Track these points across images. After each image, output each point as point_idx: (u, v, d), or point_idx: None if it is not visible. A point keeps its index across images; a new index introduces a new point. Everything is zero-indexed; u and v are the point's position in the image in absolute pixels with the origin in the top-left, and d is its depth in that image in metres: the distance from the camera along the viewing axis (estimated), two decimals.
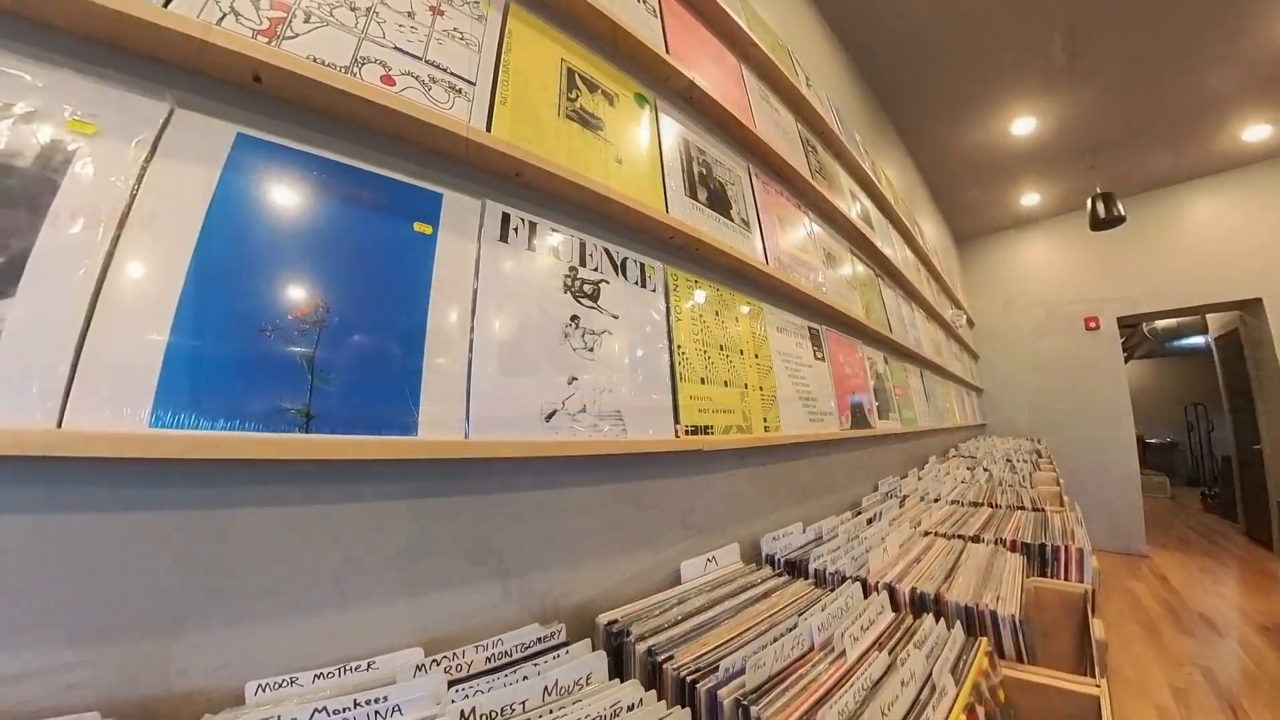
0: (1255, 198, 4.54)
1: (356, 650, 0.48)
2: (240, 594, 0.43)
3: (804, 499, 1.14)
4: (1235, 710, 2.25)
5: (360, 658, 0.48)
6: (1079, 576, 0.89)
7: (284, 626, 0.45)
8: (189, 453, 0.39)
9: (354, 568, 0.50)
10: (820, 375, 1.21)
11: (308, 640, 0.46)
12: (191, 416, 0.41)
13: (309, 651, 0.46)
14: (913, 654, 0.56)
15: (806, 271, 1.25)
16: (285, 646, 0.45)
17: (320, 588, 0.48)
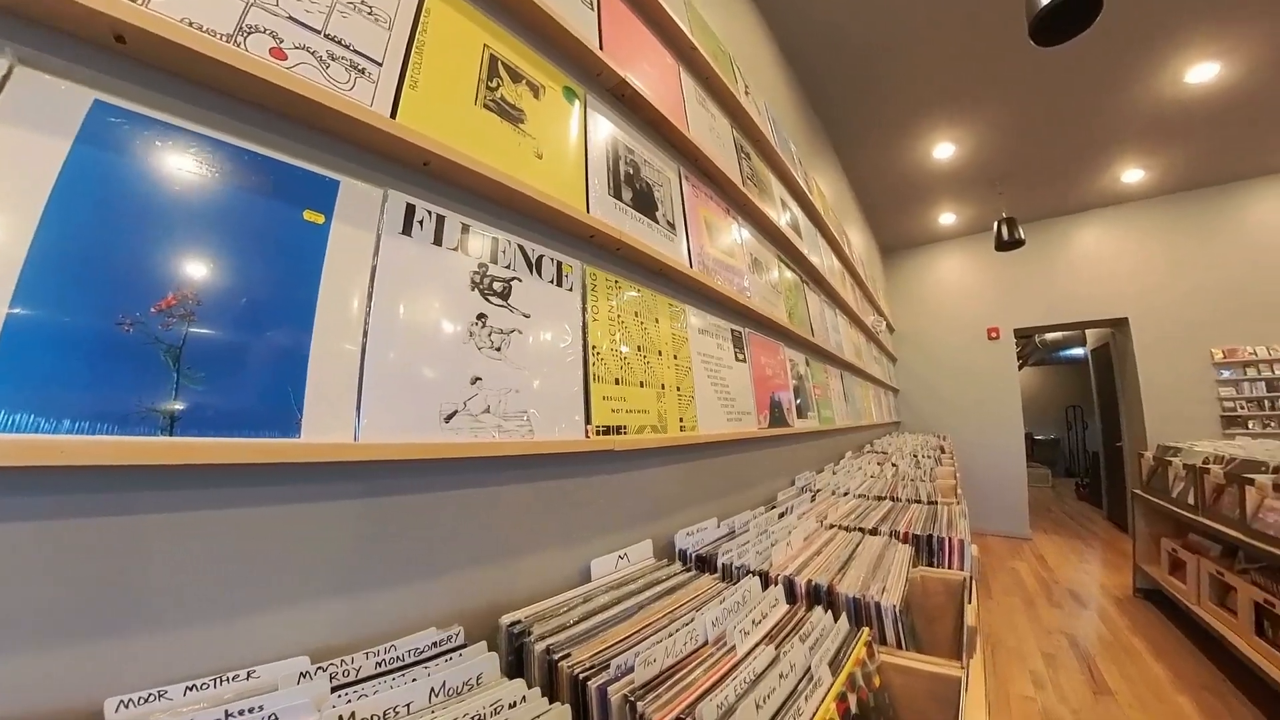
0: (1128, 231, 5.11)
1: (237, 661, 0.45)
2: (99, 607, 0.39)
3: (720, 495, 1.16)
4: (1092, 670, 2.52)
5: (241, 668, 0.44)
6: (960, 565, 0.96)
7: (154, 639, 0.41)
8: (23, 459, 0.34)
9: (235, 576, 0.46)
10: (741, 376, 1.23)
11: (182, 652, 0.42)
12: (29, 418, 0.36)
13: (183, 664, 0.42)
14: (796, 646, 0.58)
15: (732, 276, 1.27)
16: (154, 660, 0.41)
17: (196, 598, 0.43)
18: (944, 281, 5.79)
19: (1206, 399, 4.68)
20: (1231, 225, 4.72)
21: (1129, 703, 2.24)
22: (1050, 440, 9.67)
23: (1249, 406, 4.56)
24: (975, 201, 4.87)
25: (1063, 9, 1.63)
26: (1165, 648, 2.74)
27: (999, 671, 2.51)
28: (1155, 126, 3.80)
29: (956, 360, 5.55)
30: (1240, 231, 4.69)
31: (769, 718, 0.51)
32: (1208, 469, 2.56)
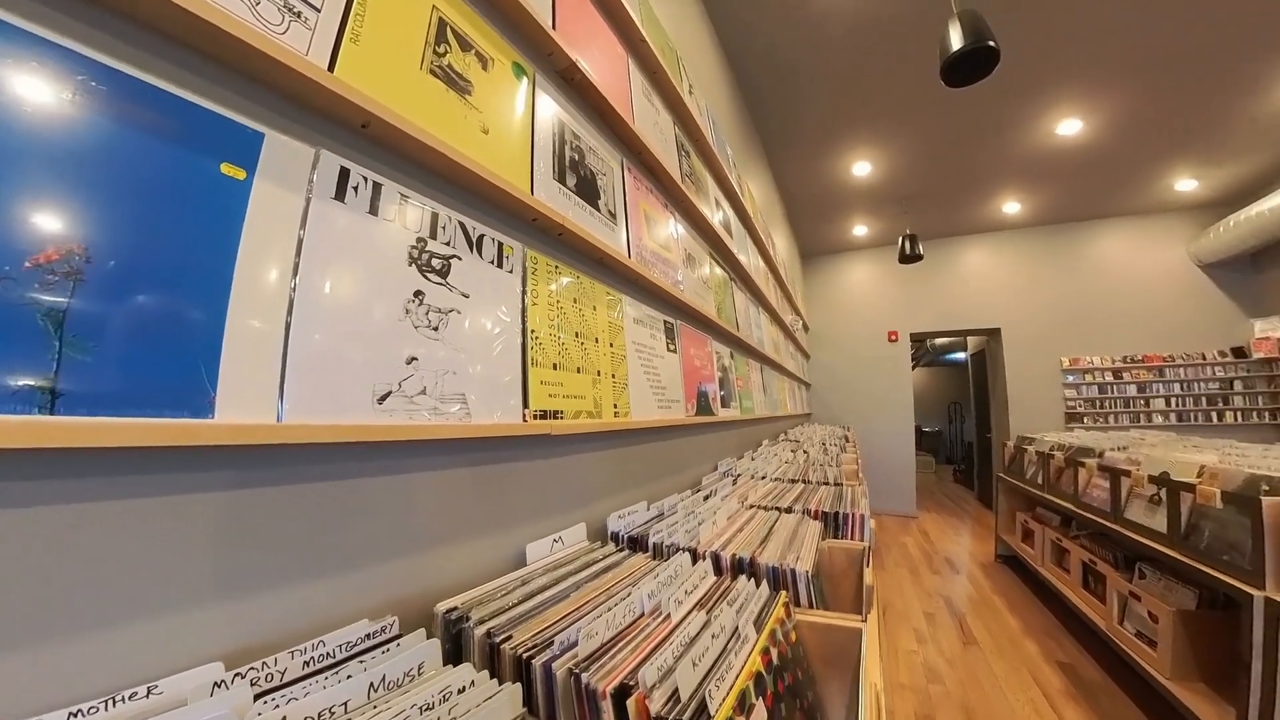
0: (1004, 254, 5.78)
1: (135, 676, 0.38)
2: None
3: (650, 479, 1.18)
4: (962, 625, 2.84)
5: (140, 683, 0.38)
6: (860, 537, 1.04)
7: (27, 657, 0.34)
8: None
9: (133, 575, 0.40)
10: (671, 366, 1.26)
11: (66, 671, 0.36)
12: None
13: (67, 684, 0.36)
14: (725, 610, 0.61)
15: (667, 268, 1.28)
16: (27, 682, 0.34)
17: (81, 604, 0.37)
18: (854, 287, 6.22)
19: (1055, 398, 5.40)
20: (1081, 256, 5.46)
21: (990, 650, 2.55)
22: (935, 432, 10.74)
23: (1085, 405, 5.31)
24: (885, 217, 5.26)
25: (969, 57, 1.81)
26: (1018, 602, 3.15)
27: (889, 630, 2.77)
28: (1031, 168, 4.30)
29: (861, 359, 6.02)
30: (1087, 262, 5.45)
31: (705, 672, 0.53)
32: (1052, 455, 2.96)
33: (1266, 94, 3.37)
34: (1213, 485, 1.61)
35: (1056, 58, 2.94)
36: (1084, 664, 2.39)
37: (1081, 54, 2.91)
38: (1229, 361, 4.95)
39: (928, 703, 2.10)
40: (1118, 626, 2.18)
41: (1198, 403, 4.98)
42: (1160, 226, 5.24)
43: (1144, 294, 5.22)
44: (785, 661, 0.61)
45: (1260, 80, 3.21)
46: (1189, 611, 1.84)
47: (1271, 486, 1.42)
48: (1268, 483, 1.43)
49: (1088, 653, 2.48)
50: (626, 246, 1.08)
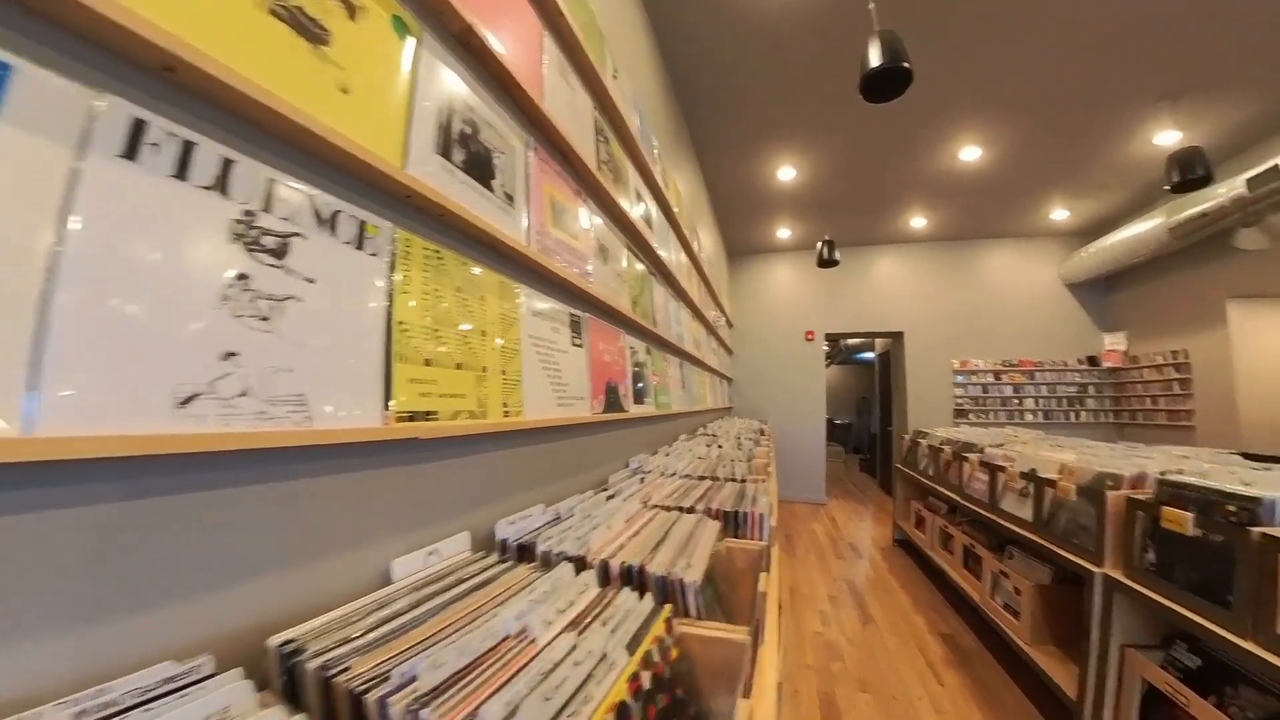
0: (909, 264, 6.24)
1: None
2: None
3: (550, 480, 1.12)
4: (862, 605, 3.02)
5: None
6: (760, 536, 1.04)
7: None
8: None
9: None
10: (576, 361, 1.20)
11: None
12: None
13: None
14: (597, 632, 0.56)
15: (575, 259, 1.22)
16: None
17: None
18: (776, 288, 6.46)
19: (946, 396, 5.91)
20: (973, 270, 6.00)
21: (885, 627, 2.73)
22: (846, 424, 11.51)
23: (970, 402, 5.85)
24: (807, 221, 5.48)
25: (886, 75, 1.89)
26: (910, 582, 3.41)
27: (797, 614, 2.90)
28: (937, 187, 4.63)
29: (780, 356, 6.27)
30: (978, 275, 6.00)
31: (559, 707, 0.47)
32: (941, 449, 3.21)
33: (1123, 141, 3.84)
34: (1070, 481, 1.80)
35: (966, 89, 3.17)
36: (962, 634, 2.63)
37: (987, 88, 3.16)
38: (1084, 369, 5.65)
39: (829, 680, 2.21)
40: (989, 600, 2.41)
41: (1060, 404, 5.65)
42: (1038, 249, 5.87)
43: (1022, 306, 5.83)
44: (662, 683, 0.58)
45: (1119, 129, 3.65)
46: (1044, 585, 2.07)
47: (1115, 483, 1.60)
48: (1112, 479, 1.61)
49: (966, 624, 2.73)
50: (526, 233, 1.00)
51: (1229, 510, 1.19)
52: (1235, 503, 1.18)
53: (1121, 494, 1.54)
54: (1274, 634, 1.03)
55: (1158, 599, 1.33)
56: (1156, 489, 1.43)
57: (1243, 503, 1.16)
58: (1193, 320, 4.63)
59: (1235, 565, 1.13)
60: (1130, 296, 5.38)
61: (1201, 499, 1.28)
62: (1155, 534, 1.37)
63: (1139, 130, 3.67)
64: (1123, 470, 1.64)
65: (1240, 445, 4.12)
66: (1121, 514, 1.51)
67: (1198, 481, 1.32)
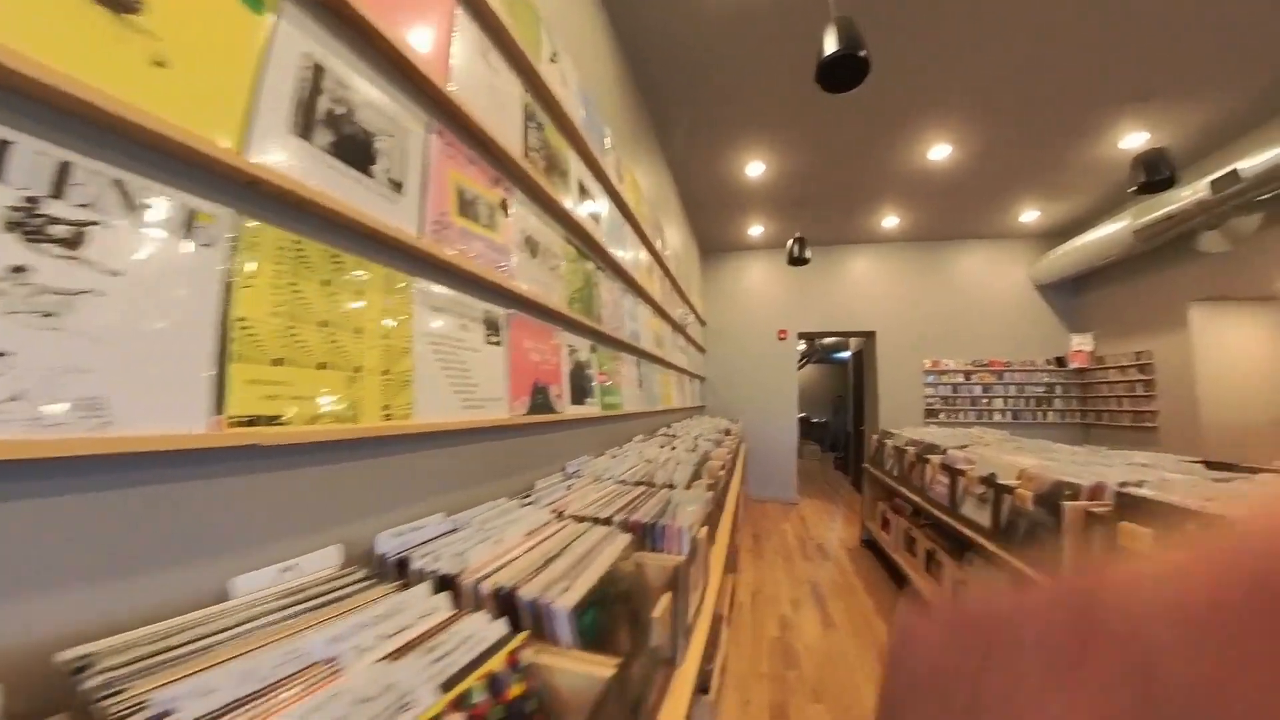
0: (881, 264, 6.24)
1: None
2: None
3: (457, 487, 1.04)
4: (824, 609, 2.98)
5: None
6: (678, 549, 0.97)
7: None
8: None
9: None
10: (492, 360, 1.11)
11: None
12: None
13: None
14: (412, 663, 0.49)
15: (492, 252, 1.13)
16: None
17: None
18: (750, 286, 6.42)
19: (917, 396, 5.93)
20: (945, 271, 6.02)
21: (846, 631, 2.70)
22: (822, 423, 11.58)
23: (941, 402, 5.88)
24: (778, 219, 5.44)
25: (842, 62, 1.83)
26: (875, 584, 3.39)
27: (757, 618, 2.84)
28: (909, 186, 4.62)
29: (753, 355, 6.24)
30: (950, 277, 6.03)
31: None
32: (906, 450, 3.19)
33: (1093, 143, 3.86)
34: (1028, 488, 1.77)
35: (933, 85, 3.13)
36: None
37: (955, 85, 3.13)
38: (1052, 369, 5.71)
39: (783, 689, 2.16)
40: None
41: (1028, 403, 5.70)
42: (1009, 250, 5.91)
43: (992, 307, 5.87)
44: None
45: (1088, 130, 3.67)
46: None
47: (1073, 492, 1.56)
48: (1070, 489, 1.58)
49: None
50: (419, 223, 0.92)
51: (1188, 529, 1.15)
52: (1196, 521, 1.14)
53: (1079, 505, 1.50)
54: None
55: None
56: (1115, 501, 1.40)
57: (1200, 520, 1.12)
58: (1157, 322, 4.70)
59: None
60: (1098, 298, 5.44)
61: (1157, 514, 1.24)
62: (1114, 549, 1.34)
63: (1108, 132, 3.69)
64: (1081, 479, 1.61)
65: (1201, 447, 4.18)
66: (1079, 526, 1.48)
67: (1157, 497, 1.28)
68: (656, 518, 1.03)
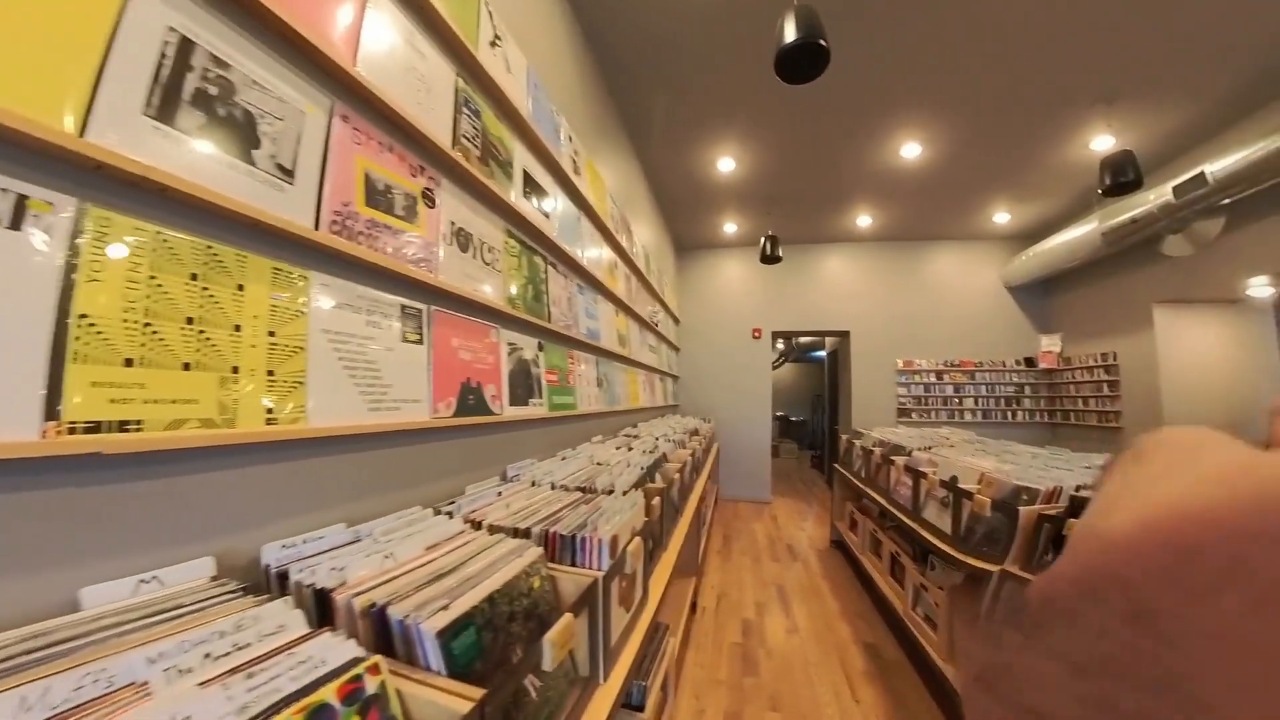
0: (855, 264, 6.27)
1: None
2: None
3: (365, 494, 0.98)
4: (789, 612, 2.97)
5: None
6: (597, 565, 0.93)
7: None
8: None
9: None
10: (411, 360, 1.06)
11: None
12: None
13: None
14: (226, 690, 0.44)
15: (411, 245, 1.07)
16: None
17: None
18: (724, 284, 6.41)
19: (890, 395, 5.99)
20: (918, 271, 6.08)
21: (809, 635, 2.68)
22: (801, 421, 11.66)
23: (913, 402, 5.94)
24: (752, 216, 5.42)
25: (801, 51, 1.79)
26: (841, 586, 3.39)
27: (720, 622, 2.82)
28: (881, 184, 4.63)
29: (727, 354, 6.24)
30: (923, 277, 6.08)
31: None
32: (872, 451, 3.19)
33: (1062, 145, 3.91)
34: (988, 493, 1.77)
35: (904, 82, 3.12)
36: (886, 644, 2.61)
37: (927, 83, 3.13)
38: (1022, 370, 5.81)
39: (740, 698, 2.13)
40: (911, 612, 2.38)
41: (998, 403, 5.79)
42: (981, 251, 5.99)
43: (964, 308, 5.95)
44: None
45: (1058, 132, 3.71)
46: (956, 587, 2.04)
47: (1030, 497, 1.57)
48: (1028, 494, 1.58)
49: (891, 633, 2.71)
50: (315, 213, 0.86)
51: None
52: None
53: (1034, 509, 1.51)
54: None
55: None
56: (1069, 504, 1.41)
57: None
58: (1122, 324, 4.80)
59: None
60: (1065, 300, 5.54)
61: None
62: (1057, 540, 1.34)
63: (1077, 134, 3.73)
64: (1040, 483, 1.62)
65: None
66: (1031, 528, 1.48)
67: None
68: (577, 529, 0.98)
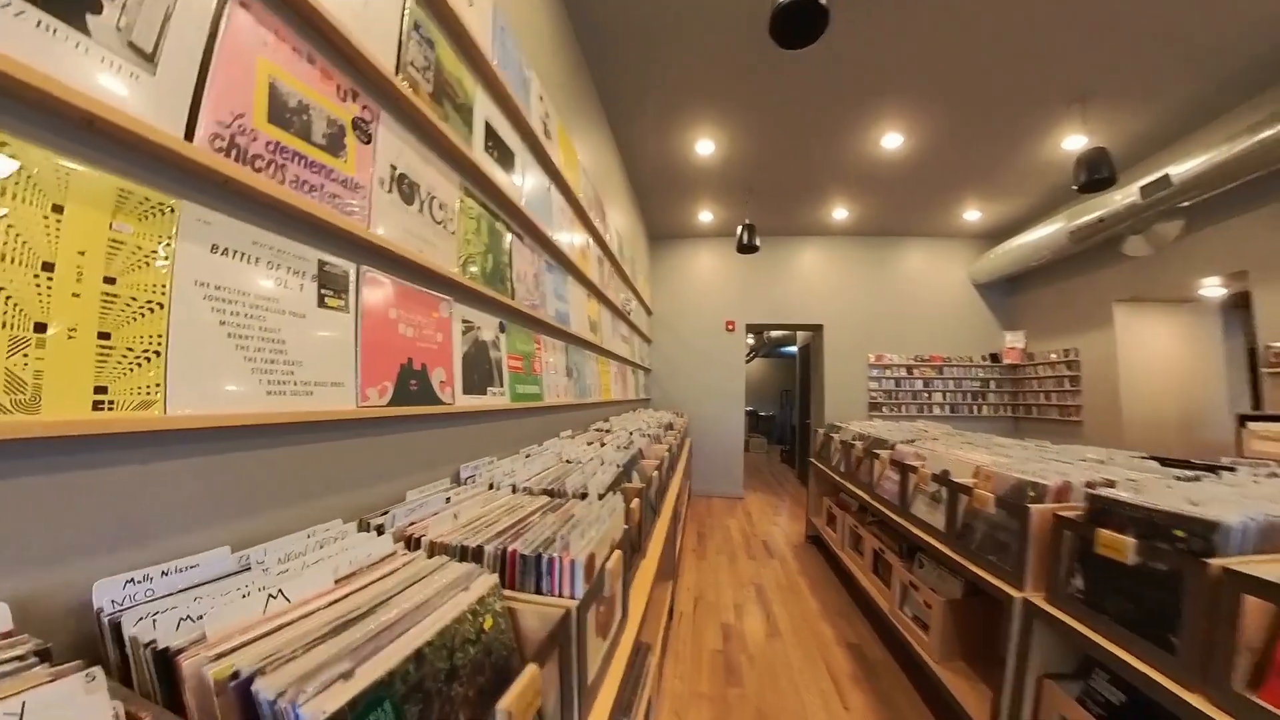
0: (830, 257, 6.24)
1: None
2: None
3: (263, 507, 0.75)
4: (769, 614, 2.84)
5: None
6: (570, 592, 0.73)
7: None
8: None
9: None
10: (329, 331, 0.83)
11: None
12: None
13: None
14: None
15: (337, 185, 0.85)
16: None
17: None
18: (698, 275, 6.27)
19: (861, 389, 6.00)
20: (891, 267, 6.09)
21: (791, 638, 2.56)
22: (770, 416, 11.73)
23: (884, 396, 5.97)
24: (728, 205, 5.28)
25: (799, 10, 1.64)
26: (820, 583, 3.29)
27: (698, 628, 2.66)
28: (859, 176, 4.56)
29: (701, 346, 6.11)
30: (895, 272, 6.10)
31: None
32: (853, 444, 3.10)
33: (1035, 143, 3.92)
34: (987, 489, 1.66)
35: (888, 67, 3.03)
36: (870, 643, 2.51)
37: (911, 70, 3.04)
38: (987, 365, 5.91)
39: (724, 711, 1.98)
40: (898, 611, 2.28)
41: (965, 398, 5.88)
42: (951, 249, 6.05)
43: (934, 304, 6.00)
44: None
45: (1032, 129, 3.71)
46: (955, 600, 1.94)
47: (1037, 493, 1.44)
48: (1033, 489, 1.46)
49: (874, 632, 2.62)
50: (189, 121, 0.62)
51: (1176, 536, 1.02)
52: (1185, 527, 1.01)
53: (1047, 509, 1.39)
54: (1229, 689, 0.84)
55: (1086, 633, 1.16)
56: (1087, 505, 1.28)
57: (1195, 527, 0.99)
58: (1083, 321, 4.91)
59: (1184, 602, 0.95)
60: (1030, 297, 5.66)
61: (1142, 519, 1.11)
62: (1085, 557, 1.22)
63: (1051, 133, 3.74)
64: (1042, 478, 1.50)
65: (1122, 440, 4.39)
66: (1047, 532, 1.36)
67: (1136, 499, 1.15)
68: (544, 546, 0.78)
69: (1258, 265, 3.39)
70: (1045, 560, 1.38)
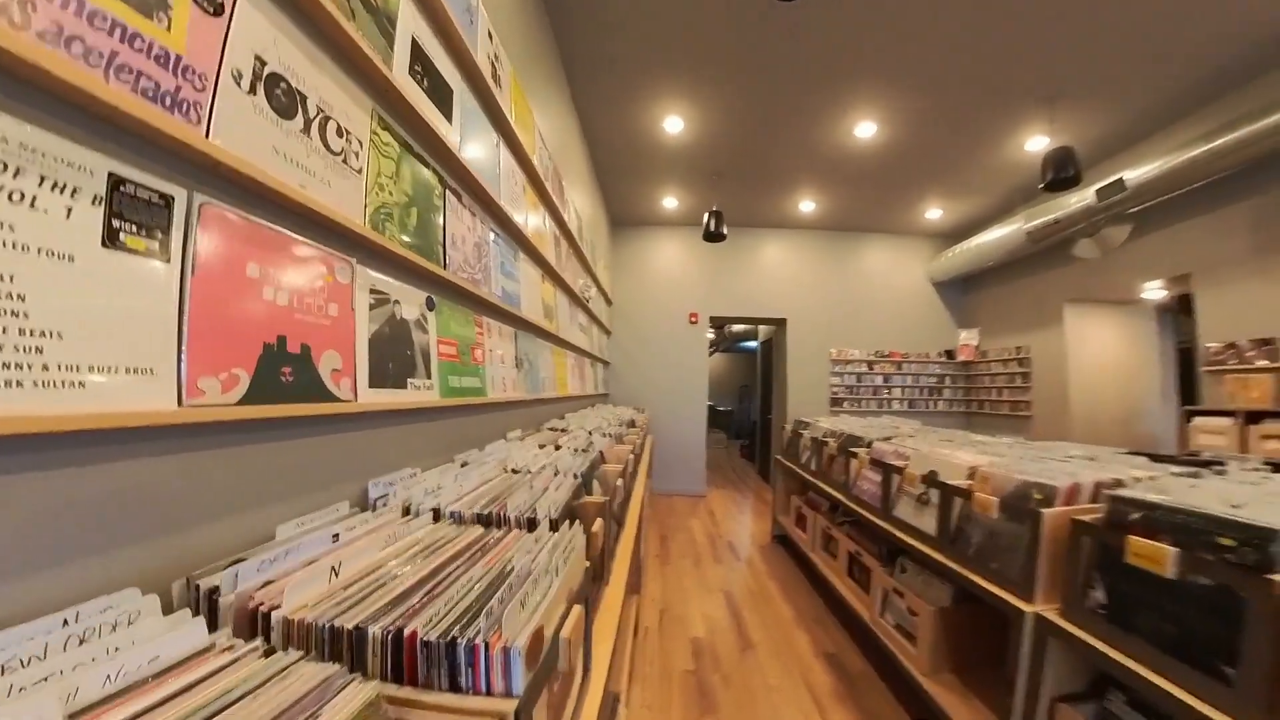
0: (794, 250, 6.18)
1: None
2: None
3: (15, 571, 0.45)
4: (740, 624, 2.66)
5: None
6: (504, 688, 0.47)
7: None
8: None
9: None
10: (133, 285, 0.52)
11: None
12: None
13: None
14: None
15: (155, 66, 0.54)
16: None
17: None
18: (661, 265, 6.05)
19: (823, 384, 5.98)
20: (853, 263, 6.10)
21: (766, 651, 2.38)
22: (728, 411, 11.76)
23: (845, 391, 5.98)
24: (695, 191, 5.08)
25: None
26: (790, 586, 3.15)
27: (665, 647, 2.44)
28: (828, 166, 4.45)
29: (662, 340, 5.91)
30: (857, 268, 6.11)
31: None
32: (826, 442, 2.96)
33: (1000, 141, 3.92)
34: (987, 490, 1.51)
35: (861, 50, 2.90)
36: (848, 652, 2.36)
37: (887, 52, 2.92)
38: (943, 361, 6.03)
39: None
40: (879, 619, 2.14)
41: (922, 393, 5.97)
42: (911, 246, 6.11)
43: (894, 301, 6.05)
44: None
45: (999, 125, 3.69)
46: (946, 608, 1.81)
47: (1045, 496, 1.29)
48: (1041, 491, 1.31)
49: (851, 639, 2.48)
50: None
51: (1223, 544, 0.87)
52: (1234, 534, 0.86)
53: (1061, 513, 1.24)
54: None
55: (1114, 656, 1.01)
56: (1109, 508, 1.12)
57: (1247, 535, 0.84)
58: (1035, 320, 5.04)
59: (1241, 624, 0.81)
60: (984, 296, 5.79)
61: (1179, 525, 0.96)
62: (1108, 567, 1.06)
63: (1016, 132, 3.75)
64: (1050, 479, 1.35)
65: (1069, 434, 4.52)
66: (1063, 539, 1.21)
67: (1170, 501, 1.00)
68: (464, 621, 0.51)
69: (1201, 269, 3.49)
70: (1059, 570, 1.23)
